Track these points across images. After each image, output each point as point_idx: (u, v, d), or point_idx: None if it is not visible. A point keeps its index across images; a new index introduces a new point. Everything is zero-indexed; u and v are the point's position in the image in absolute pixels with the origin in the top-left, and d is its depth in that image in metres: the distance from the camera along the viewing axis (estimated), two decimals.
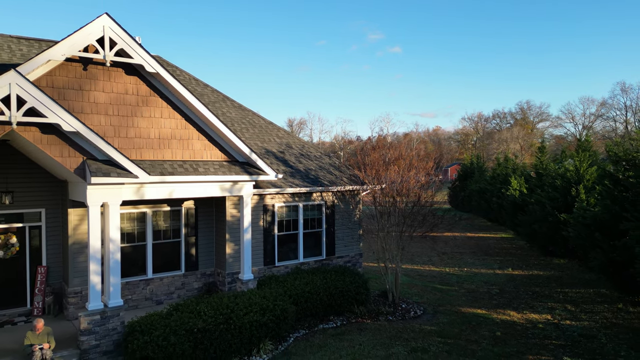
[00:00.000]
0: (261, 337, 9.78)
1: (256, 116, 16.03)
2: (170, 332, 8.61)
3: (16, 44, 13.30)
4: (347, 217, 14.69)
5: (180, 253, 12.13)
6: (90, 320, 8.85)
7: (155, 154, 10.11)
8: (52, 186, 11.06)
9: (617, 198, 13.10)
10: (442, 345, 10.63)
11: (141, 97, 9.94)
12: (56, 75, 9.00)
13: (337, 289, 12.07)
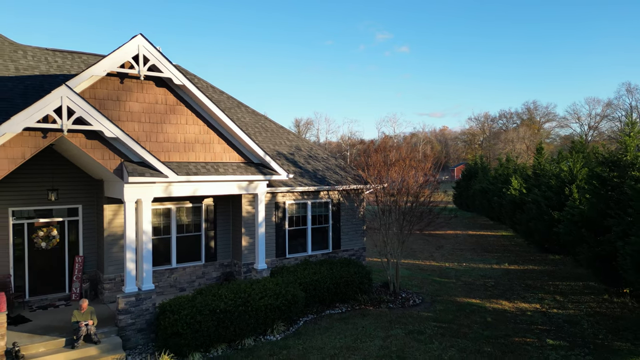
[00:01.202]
0: (274, 319, 11.03)
1: (268, 121, 17.30)
2: (196, 312, 9.89)
3: (52, 56, 14.69)
4: (352, 213, 15.91)
5: (201, 245, 13.43)
6: (126, 301, 10.17)
7: (181, 157, 11.41)
8: (88, 185, 12.41)
9: (603, 197, 14.16)
10: (437, 329, 11.81)
11: (169, 106, 11.25)
12: (98, 88, 10.33)
13: (343, 279, 13.29)
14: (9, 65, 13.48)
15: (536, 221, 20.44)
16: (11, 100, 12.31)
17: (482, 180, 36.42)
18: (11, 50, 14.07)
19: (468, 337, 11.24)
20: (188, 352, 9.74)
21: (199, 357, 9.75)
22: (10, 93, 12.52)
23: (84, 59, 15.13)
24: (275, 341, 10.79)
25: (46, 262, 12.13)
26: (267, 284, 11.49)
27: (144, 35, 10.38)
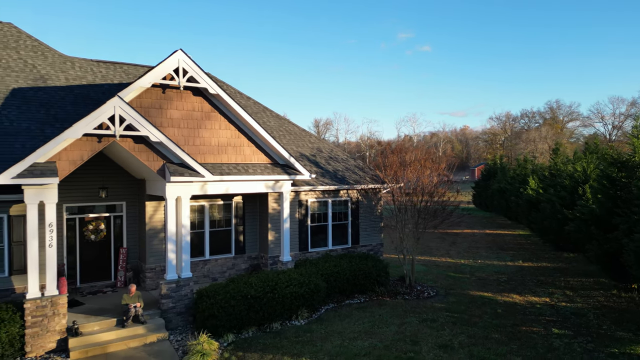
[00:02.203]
0: (299, 306, 12.14)
1: (291, 124, 18.46)
2: (230, 297, 11.08)
3: (96, 66, 16.17)
4: (370, 211, 16.90)
5: (231, 239, 14.66)
6: (168, 287, 11.44)
7: (215, 158, 12.64)
8: (131, 184, 13.78)
9: (612, 196, 14.76)
10: (449, 318, 12.71)
11: (204, 113, 12.50)
12: (143, 97, 11.64)
13: (361, 271, 14.31)
14: (59, 75, 15.00)
15: (550, 220, 21.00)
16: (64, 107, 13.80)
17: (500, 180, 36.78)
18: (61, 62, 15.60)
19: (478, 326, 12.11)
20: (223, 332, 10.94)
21: (232, 337, 10.93)
22: (62, 101, 14.02)
23: (125, 68, 16.57)
24: (299, 325, 11.90)
25: (95, 253, 13.55)
26: (292, 274, 12.61)
27: (184, 50, 11.65)
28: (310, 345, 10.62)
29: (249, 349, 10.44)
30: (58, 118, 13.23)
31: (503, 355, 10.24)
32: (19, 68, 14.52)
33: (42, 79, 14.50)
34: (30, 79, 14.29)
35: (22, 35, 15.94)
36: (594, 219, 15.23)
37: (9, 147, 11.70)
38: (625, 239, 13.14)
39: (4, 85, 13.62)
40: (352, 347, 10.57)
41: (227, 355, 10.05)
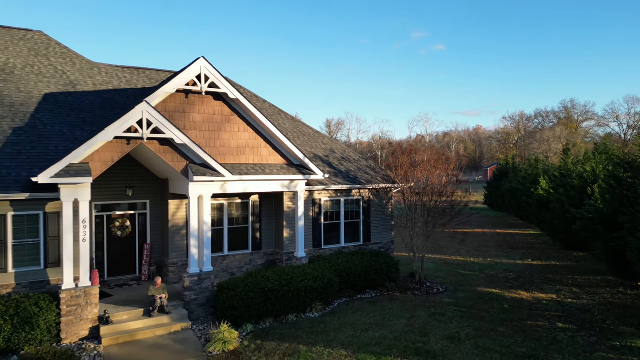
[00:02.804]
0: (313, 299, 12.79)
1: (305, 126, 19.12)
2: (249, 290, 11.79)
3: (121, 72, 17.05)
4: (381, 210, 17.49)
5: (248, 236, 15.38)
6: (191, 280, 12.20)
7: (234, 159, 13.37)
8: (154, 183, 14.59)
9: (618, 195, 15.11)
10: (457, 312, 13.24)
11: (224, 116, 13.24)
12: (168, 102, 12.42)
13: (372, 267, 14.91)
14: (87, 81, 15.89)
15: (560, 219, 21.31)
16: (92, 111, 14.68)
17: (512, 180, 36.97)
18: (88, 68, 16.50)
19: (484, 320, 12.63)
20: (242, 322, 11.65)
21: (251, 327, 11.64)
22: (91, 105, 14.90)
23: (147, 73, 17.42)
24: (313, 317, 12.56)
25: (121, 249, 14.39)
26: (306, 270, 13.27)
27: (206, 58, 12.40)
28: (324, 335, 11.27)
29: (267, 338, 11.13)
30: (87, 121, 14.10)
31: (508, 346, 10.75)
32: (50, 74, 15.44)
33: (72, 84, 15.40)
34: (60, 84, 15.20)
35: (51, 42, 16.89)
36: (600, 218, 15.59)
37: (45, 149, 12.58)
38: (630, 237, 13.51)
39: (37, 90, 14.54)
40: (363, 337, 11.19)
41: (247, 344, 10.76)
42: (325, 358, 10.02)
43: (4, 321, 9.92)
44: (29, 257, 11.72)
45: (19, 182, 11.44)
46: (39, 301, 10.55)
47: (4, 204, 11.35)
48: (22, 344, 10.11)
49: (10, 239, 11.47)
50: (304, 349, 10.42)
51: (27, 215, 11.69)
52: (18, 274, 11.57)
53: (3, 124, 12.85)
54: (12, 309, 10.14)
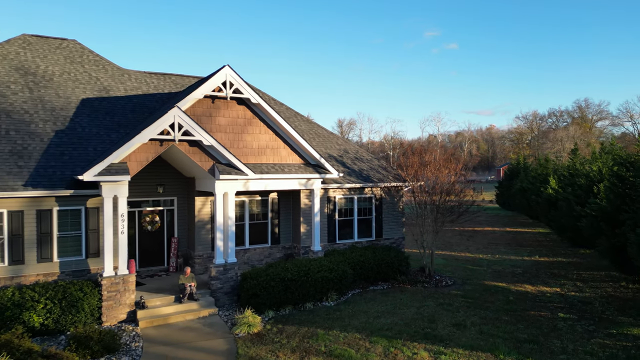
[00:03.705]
0: (329, 289, 13.78)
1: (320, 128, 20.13)
2: (270, 279, 12.83)
3: (149, 77, 18.26)
4: (392, 207, 18.40)
5: (267, 231, 16.44)
6: (217, 270, 13.29)
7: (255, 159, 14.43)
8: (181, 182, 15.73)
9: (620, 194, 15.80)
10: (464, 303, 14.10)
11: (247, 119, 14.31)
12: (196, 107, 13.54)
13: (384, 261, 15.85)
14: (119, 86, 17.12)
15: (567, 218, 21.95)
16: (124, 115, 15.88)
17: (523, 180, 37.46)
18: (119, 74, 17.74)
19: (489, 309, 13.47)
20: (264, 309, 12.70)
21: (272, 313, 12.68)
22: (123, 109, 16.11)
23: (173, 79, 18.61)
24: (329, 306, 13.55)
25: (150, 242, 15.56)
26: (322, 262, 14.27)
27: (230, 66, 13.48)
28: (339, 321, 12.26)
29: (287, 322, 12.16)
30: (121, 124, 15.31)
31: (510, 332, 11.61)
32: (85, 80, 16.70)
33: (105, 90, 16.63)
34: (95, 90, 16.44)
35: (85, 50, 18.17)
36: (603, 216, 16.28)
37: (84, 150, 13.80)
38: (630, 234, 14.22)
39: (75, 96, 15.80)
40: (376, 323, 12.15)
41: (269, 327, 11.80)
42: (341, 340, 11.00)
43: (54, 304, 11.12)
44: (71, 248, 12.94)
45: (64, 179, 12.66)
46: (83, 287, 11.74)
47: (50, 200, 12.57)
48: (68, 325, 11.29)
49: (55, 232, 12.69)
50: (321, 332, 11.42)
51: (70, 210, 12.90)
52: (62, 263, 12.79)
53: (46, 127, 14.11)
54: (60, 293, 11.33)
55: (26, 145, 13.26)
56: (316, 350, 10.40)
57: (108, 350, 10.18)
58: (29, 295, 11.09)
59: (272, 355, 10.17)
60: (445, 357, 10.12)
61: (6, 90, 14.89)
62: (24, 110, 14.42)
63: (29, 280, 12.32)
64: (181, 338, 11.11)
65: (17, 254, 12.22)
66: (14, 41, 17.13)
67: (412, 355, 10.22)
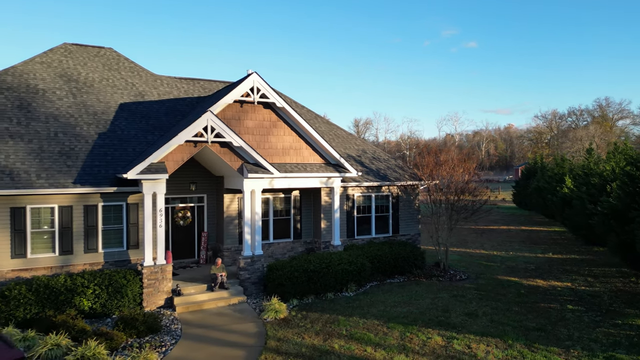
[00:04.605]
0: (348, 280, 14.74)
1: (340, 129, 21.09)
2: (294, 270, 13.87)
3: (179, 83, 19.51)
4: (409, 204, 19.25)
5: (290, 226, 17.49)
6: (245, 261, 14.39)
7: (280, 159, 15.49)
8: (210, 180, 16.89)
9: (630, 192, 16.33)
10: (477, 295, 14.90)
11: (272, 122, 15.38)
12: (226, 111, 14.67)
13: (400, 255, 16.73)
14: (153, 91, 18.40)
15: (581, 216, 22.42)
16: (159, 118, 17.13)
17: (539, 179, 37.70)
18: (152, 80, 19.03)
19: (501, 301, 14.25)
20: (289, 297, 13.74)
21: (296, 302, 13.72)
22: (157, 113, 17.36)
23: (202, 84, 19.83)
24: (349, 296, 14.52)
25: (182, 236, 16.77)
26: (342, 255, 15.24)
27: (258, 73, 14.58)
28: (359, 309, 13.22)
29: (310, 309, 13.18)
30: (156, 127, 16.55)
31: (519, 321, 12.39)
32: (122, 86, 18.03)
33: (140, 94, 17.93)
34: (131, 95, 17.75)
35: (120, 58, 19.52)
36: (614, 214, 16.82)
37: (124, 151, 15.07)
38: (638, 231, 14.79)
39: (114, 101, 17.12)
40: (393, 311, 13.07)
41: (294, 314, 12.84)
42: (360, 325, 11.97)
43: (101, 290, 12.36)
44: (114, 240, 14.20)
45: (107, 178, 13.93)
46: (126, 275, 12.96)
47: (96, 196, 13.85)
48: (113, 309, 12.52)
49: (100, 225, 13.97)
50: (342, 319, 12.40)
51: (113, 206, 14.17)
52: (106, 253, 14.06)
53: (90, 130, 15.43)
54: (107, 280, 12.57)
55: (73, 147, 14.59)
56: (338, 334, 11.39)
57: (151, 331, 11.35)
58: (79, 281, 12.35)
59: (298, 337, 11.20)
60: (457, 341, 10.99)
61: (52, 96, 16.28)
62: (69, 114, 15.78)
63: (77, 269, 13.61)
64: (215, 322, 12.23)
65: (66, 245, 13.53)
66: (57, 50, 18.57)
67: (427, 339, 11.11)
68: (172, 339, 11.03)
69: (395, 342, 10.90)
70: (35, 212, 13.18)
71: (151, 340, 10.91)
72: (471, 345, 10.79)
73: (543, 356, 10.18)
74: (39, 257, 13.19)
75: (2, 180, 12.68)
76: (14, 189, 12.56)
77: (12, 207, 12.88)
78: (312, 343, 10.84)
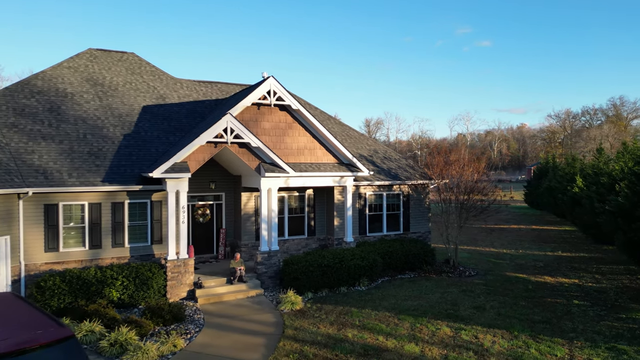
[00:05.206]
0: (361, 275, 15.38)
1: (352, 130, 21.73)
2: (309, 265, 14.55)
3: (198, 86, 20.34)
4: (419, 203, 19.81)
5: (304, 223, 18.19)
6: (262, 256, 15.12)
7: (295, 159, 16.19)
8: (228, 179, 17.66)
9: (637, 191, 16.68)
10: (485, 290, 15.41)
11: (287, 124, 16.09)
12: (244, 113, 15.42)
13: (411, 252, 17.31)
14: (173, 94, 19.25)
15: (589, 215, 22.71)
16: (179, 119, 17.96)
17: (551, 179, 37.84)
18: (173, 83, 19.88)
19: (508, 296, 14.75)
20: (304, 291, 14.44)
21: (311, 295, 14.40)
22: (178, 115, 18.20)
23: (219, 87, 20.64)
24: (361, 290, 15.16)
25: (202, 232, 17.57)
26: (354, 251, 15.88)
27: (275, 77, 15.30)
28: (371, 302, 13.85)
29: (324, 302, 13.85)
30: (177, 128, 17.38)
31: (525, 314, 12.90)
32: (144, 89, 18.90)
33: (162, 97, 18.79)
34: (153, 98, 18.62)
35: (142, 62, 20.42)
36: (621, 212, 17.15)
37: (148, 151, 15.91)
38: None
39: (137, 103, 18.00)
40: (403, 304, 13.68)
41: (309, 305, 13.53)
42: (372, 317, 12.60)
43: (129, 281, 13.19)
44: (139, 235, 15.04)
45: (133, 176, 14.77)
46: (152, 268, 13.78)
47: (123, 194, 14.70)
48: (140, 300, 13.34)
49: (126, 221, 14.82)
50: (355, 311, 13.05)
51: (138, 203, 15.01)
52: (132, 248, 14.91)
53: (116, 131, 16.31)
54: (134, 273, 13.39)
55: (100, 147, 15.47)
56: (351, 324, 12.04)
57: (176, 320, 12.13)
58: (108, 274, 13.20)
59: (313, 326, 11.88)
60: (465, 332, 11.56)
61: (80, 99, 17.20)
62: (96, 116, 16.69)
63: (105, 262, 14.47)
64: (235, 312, 12.97)
65: (95, 240, 14.40)
66: (83, 55, 19.52)
67: (436, 330, 11.71)
68: (196, 327, 11.80)
69: (405, 332, 11.51)
70: (67, 208, 14.07)
71: (176, 328, 11.69)
72: (478, 335, 11.35)
73: (547, 346, 10.70)
74: (70, 251, 14.08)
75: (37, 179, 13.59)
76: (48, 187, 13.46)
77: (46, 204, 13.77)
78: (326, 332, 11.51)
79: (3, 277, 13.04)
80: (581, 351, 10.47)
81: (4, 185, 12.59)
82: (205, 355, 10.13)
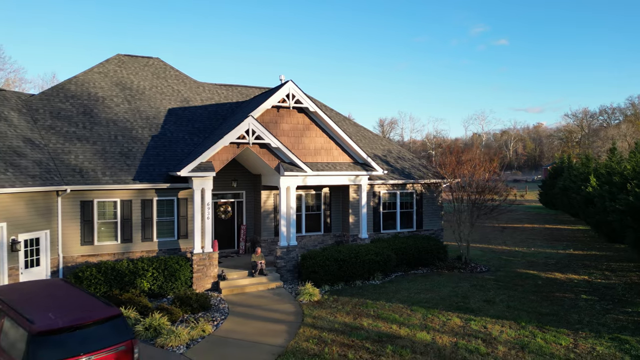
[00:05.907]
0: (375, 270, 16.11)
1: (366, 130, 22.46)
2: (325, 259, 15.34)
3: (219, 89, 21.31)
4: (432, 201, 20.43)
5: (321, 221, 18.99)
6: (281, 251, 15.97)
7: (312, 159, 17.00)
8: (248, 178, 18.57)
9: None
10: (495, 285, 16.00)
11: (305, 125, 16.91)
12: (264, 115, 16.30)
13: (424, 248, 17.97)
14: (196, 97, 20.25)
15: (601, 214, 23.01)
16: (202, 121, 18.94)
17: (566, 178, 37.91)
18: (195, 87, 20.89)
19: (518, 290, 15.31)
20: (321, 284, 15.24)
21: (327, 287, 15.19)
22: (201, 117, 19.18)
23: (239, 89, 21.59)
24: (375, 284, 15.89)
25: (224, 228, 18.51)
26: (369, 247, 16.63)
27: (293, 81, 16.16)
28: (385, 295, 14.58)
29: (340, 294, 14.63)
30: (200, 130, 18.36)
31: (534, 307, 13.47)
32: (169, 93, 19.94)
33: (185, 100, 19.80)
34: (178, 101, 19.64)
35: (167, 67, 21.48)
36: (630, 211, 17.55)
37: (174, 152, 16.91)
38: None
39: (163, 106, 19.04)
40: (416, 297, 14.37)
41: (326, 297, 14.32)
42: (386, 308, 13.34)
43: (159, 273, 14.17)
44: (166, 230, 16.03)
45: (161, 175, 15.77)
46: (179, 261, 14.74)
47: (151, 192, 15.71)
48: (168, 290, 14.31)
49: (155, 217, 15.82)
50: (370, 302, 13.80)
51: (165, 200, 16.00)
52: (160, 242, 15.91)
53: (144, 133, 17.35)
54: (163, 265, 14.36)
55: (130, 148, 16.51)
56: (366, 314, 12.80)
57: (203, 309, 13.05)
58: (139, 265, 14.19)
59: (330, 315, 12.67)
60: (475, 322, 12.21)
61: (110, 103, 18.31)
62: (126, 119, 17.76)
63: (135, 256, 15.49)
64: (257, 302, 13.84)
65: (127, 234, 15.43)
66: (111, 60, 20.66)
67: (447, 320, 12.39)
68: (221, 315, 12.70)
69: (417, 322, 12.22)
70: (101, 205, 15.12)
71: (203, 316, 12.60)
72: (487, 326, 12.00)
73: (552, 335, 11.30)
74: (104, 245, 15.13)
75: (74, 177, 14.67)
76: (85, 185, 14.53)
77: (82, 201, 14.84)
78: (343, 321, 12.29)
79: (43, 268, 14.15)
80: (585, 341, 11.04)
81: (45, 183, 13.68)
82: (232, 340, 11.00)
